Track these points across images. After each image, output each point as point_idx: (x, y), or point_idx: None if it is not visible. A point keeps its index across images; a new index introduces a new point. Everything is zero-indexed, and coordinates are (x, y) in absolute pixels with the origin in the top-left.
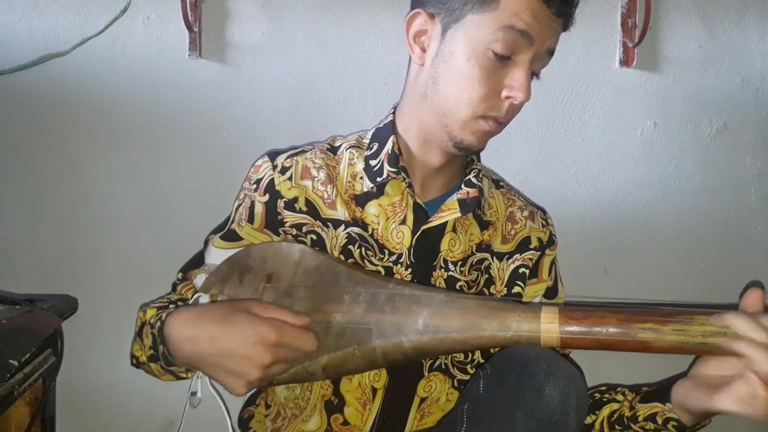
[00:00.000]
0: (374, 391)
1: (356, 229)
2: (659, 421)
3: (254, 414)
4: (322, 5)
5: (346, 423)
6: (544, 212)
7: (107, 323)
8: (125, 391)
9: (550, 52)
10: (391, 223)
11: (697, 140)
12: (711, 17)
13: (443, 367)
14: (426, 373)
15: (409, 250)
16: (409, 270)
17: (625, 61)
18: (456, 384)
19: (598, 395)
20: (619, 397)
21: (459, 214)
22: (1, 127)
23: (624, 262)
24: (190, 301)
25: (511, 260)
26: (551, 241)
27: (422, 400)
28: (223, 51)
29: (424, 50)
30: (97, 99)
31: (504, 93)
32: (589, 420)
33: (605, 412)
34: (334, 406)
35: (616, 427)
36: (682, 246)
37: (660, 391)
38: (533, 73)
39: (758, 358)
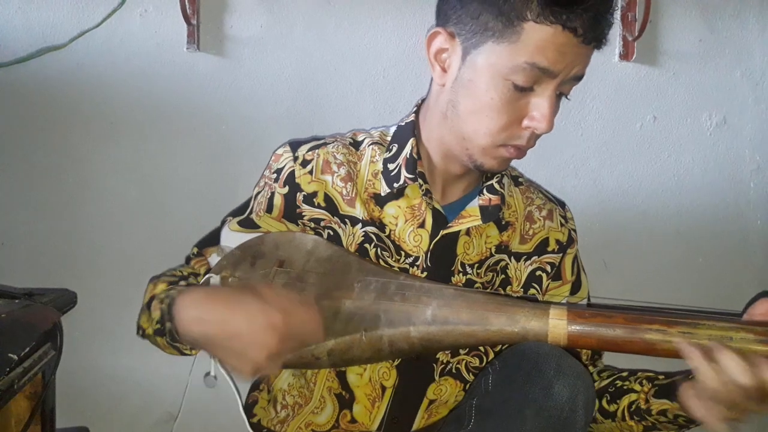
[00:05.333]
0: (383, 389)
1: (373, 229)
2: (670, 416)
3: (258, 399)
4: None
5: (353, 421)
6: (564, 207)
7: (106, 317)
8: (124, 384)
9: (579, 77)
10: (409, 226)
11: (696, 134)
12: (711, 11)
13: (454, 371)
14: (437, 378)
15: (426, 253)
16: (425, 274)
17: (625, 55)
18: (467, 388)
19: (619, 382)
20: (637, 387)
21: (480, 222)
22: None
23: (623, 256)
24: (201, 281)
25: (529, 262)
26: (570, 240)
27: (431, 402)
28: (222, 44)
29: (444, 70)
30: (95, 92)
31: (525, 123)
32: (612, 408)
33: (625, 402)
34: (345, 400)
35: (635, 417)
36: (681, 240)
37: (670, 389)
38: (561, 94)
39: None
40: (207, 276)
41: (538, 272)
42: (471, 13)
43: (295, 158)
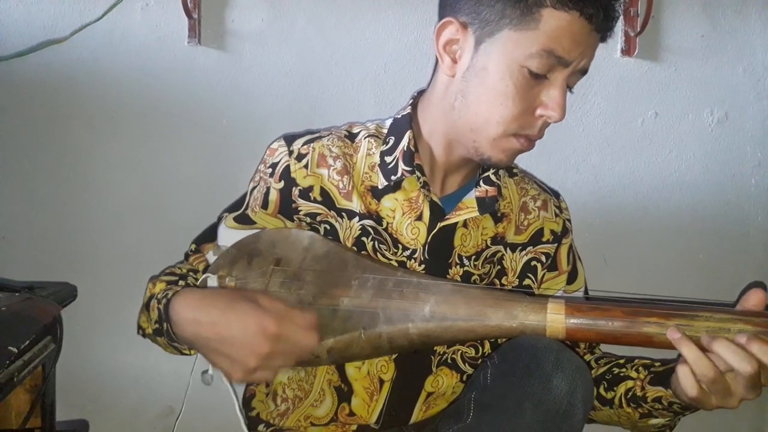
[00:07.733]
0: (381, 382)
1: (370, 222)
2: (664, 403)
3: (255, 393)
4: None
5: (352, 414)
6: (558, 197)
7: (106, 311)
8: (125, 378)
9: (585, 71)
10: (406, 219)
11: (698, 130)
12: (713, 7)
13: (450, 361)
14: (434, 369)
15: (424, 246)
16: (423, 266)
17: (627, 51)
18: (464, 379)
19: (616, 369)
20: (633, 374)
21: (477, 214)
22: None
23: (623, 252)
24: (199, 282)
25: (524, 252)
26: (565, 230)
27: (429, 394)
28: (223, 38)
29: (454, 61)
30: (96, 86)
31: (539, 111)
32: (609, 395)
33: (621, 389)
34: (344, 393)
35: (632, 404)
36: (682, 236)
37: (664, 376)
38: (567, 87)
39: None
40: (204, 276)
41: (533, 262)
42: (486, 1)
43: (290, 152)
